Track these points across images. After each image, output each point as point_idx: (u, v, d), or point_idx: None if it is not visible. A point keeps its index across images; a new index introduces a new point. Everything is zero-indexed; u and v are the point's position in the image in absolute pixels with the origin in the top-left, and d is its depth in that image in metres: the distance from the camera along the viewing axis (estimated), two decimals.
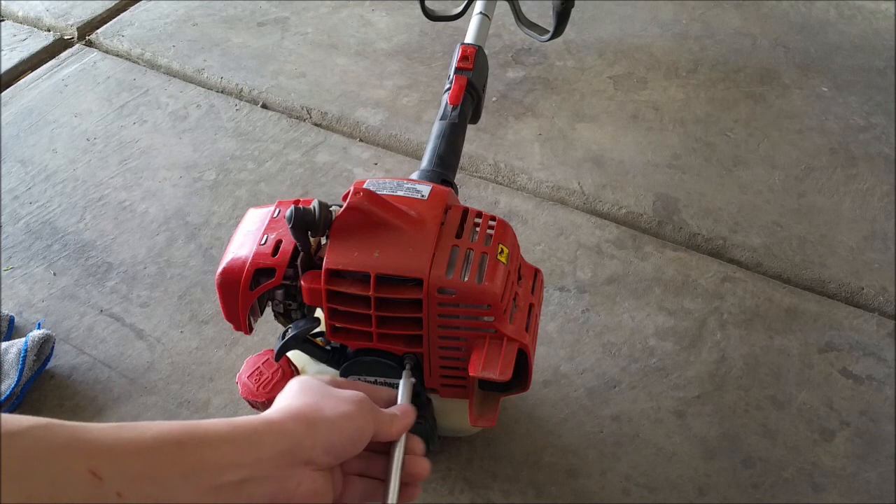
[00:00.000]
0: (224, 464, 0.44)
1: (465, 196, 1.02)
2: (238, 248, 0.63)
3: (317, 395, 0.51)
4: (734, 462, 0.77)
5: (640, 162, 1.08)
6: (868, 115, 1.15)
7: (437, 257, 0.59)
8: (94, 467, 0.39)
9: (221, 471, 0.44)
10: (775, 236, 0.98)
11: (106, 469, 0.39)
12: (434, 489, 0.75)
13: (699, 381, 0.83)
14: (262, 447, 0.46)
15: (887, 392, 0.82)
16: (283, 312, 0.66)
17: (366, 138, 1.13)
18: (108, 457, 0.40)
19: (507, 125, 1.13)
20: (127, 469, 0.40)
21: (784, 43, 1.28)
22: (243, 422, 0.46)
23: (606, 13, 1.34)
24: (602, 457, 0.77)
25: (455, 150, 0.81)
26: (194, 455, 0.43)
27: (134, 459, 0.41)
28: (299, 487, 0.48)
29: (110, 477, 0.39)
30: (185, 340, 0.88)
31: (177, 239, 0.99)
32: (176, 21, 1.34)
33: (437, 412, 0.70)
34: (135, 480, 0.40)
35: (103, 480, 0.39)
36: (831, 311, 0.90)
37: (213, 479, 0.43)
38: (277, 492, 0.47)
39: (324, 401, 0.51)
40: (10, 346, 0.82)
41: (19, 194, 1.05)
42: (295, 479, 0.47)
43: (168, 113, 1.17)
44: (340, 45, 1.28)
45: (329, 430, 0.49)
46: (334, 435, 0.49)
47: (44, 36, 1.31)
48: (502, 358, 0.59)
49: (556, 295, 0.91)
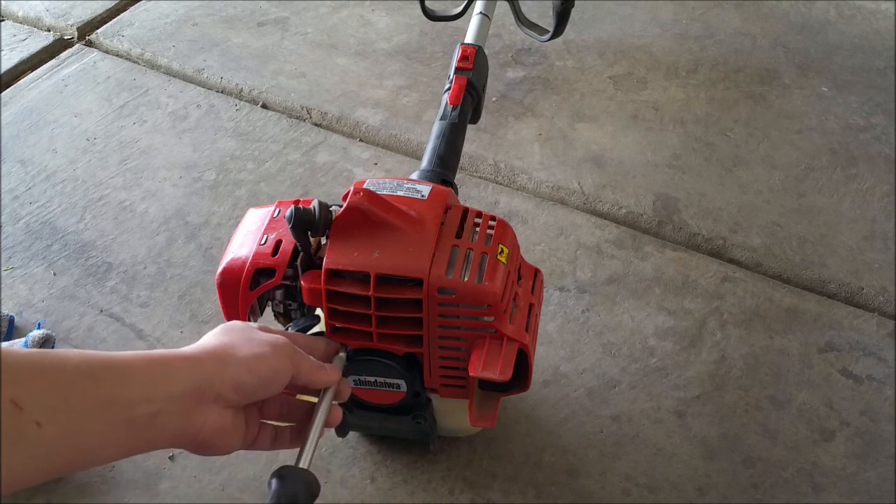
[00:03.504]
0: (137, 398, 0.46)
1: (465, 196, 1.02)
2: (238, 248, 0.63)
3: (235, 335, 0.53)
4: (734, 462, 0.77)
5: (640, 162, 1.08)
6: (868, 115, 1.15)
7: (437, 257, 0.59)
8: (16, 396, 0.40)
9: (134, 404, 0.45)
10: (775, 236, 0.98)
11: (27, 399, 0.41)
12: (434, 489, 0.75)
13: (699, 381, 0.83)
14: (173, 382, 0.47)
15: (887, 392, 0.82)
16: (283, 312, 0.66)
17: (366, 138, 1.13)
18: (29, 386, 0.41)
19: (507, 125, 1.13)
20: (46, 399, 0.42)
21: (784, 43, 1.28)
22: (159, 356, 0.48)
23: (606, 13, 1.34)
24: (602, 457, 0.77)
25: (455, 150, 0.81)
26: (110, 388, 0.45)
27: (53, 390, 0.42)
28: (206, 423, 0.49)
29: (30, 406, 0.41)
30: (185, 340, 0.88)
31: (177, 239, 0.99)
32: (176, 21, 1.34)
33: (437, 412, 0.70)
34: (53, 411, 0.42)
35: (24, 410, 0.40)
36: (831, 311, 0.90)
37: (127, 412, 0.45)
38: (185, 425, 0.48)
39: (241, 341, 0.52)
40: (10, 346, 0.82)
41: (19, 194, 1.05)
42: (202, 415, 0.49)
43: (168, 113, 1.17)
44: (340, 45, 1.28)
45: (239, 367, 0.51)
46: (244, 373, 0.51)
47: (44, 36, 1.31)
48: (502, 358, 0.59)
49: (556, 295, 0.91)
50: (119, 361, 0.46)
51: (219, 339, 0.53)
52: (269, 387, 0.53)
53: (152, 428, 0.46)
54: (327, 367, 0.59)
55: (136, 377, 0.46)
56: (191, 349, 0.51)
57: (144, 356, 0.48)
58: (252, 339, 0.53)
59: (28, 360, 0.43)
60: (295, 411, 0.59)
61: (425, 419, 0.69)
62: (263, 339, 0.54)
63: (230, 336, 0.53)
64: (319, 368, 0.57)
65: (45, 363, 0.43)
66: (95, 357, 0.46)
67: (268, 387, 0.53)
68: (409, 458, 0.77)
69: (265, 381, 0.52)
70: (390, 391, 0.66)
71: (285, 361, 0.53)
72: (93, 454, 0.45)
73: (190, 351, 0.50)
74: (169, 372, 0.48)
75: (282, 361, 0.53)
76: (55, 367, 0.43)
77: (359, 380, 0.66)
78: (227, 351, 0.51)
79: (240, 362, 0.51)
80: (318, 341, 0.62)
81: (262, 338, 0.54)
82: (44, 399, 0.42)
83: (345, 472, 0.76)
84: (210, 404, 0.50)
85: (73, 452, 0.43)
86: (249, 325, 0.56)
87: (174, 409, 0.47)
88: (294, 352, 0.55)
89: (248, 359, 0.51)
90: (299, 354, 0.55)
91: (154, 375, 0.47)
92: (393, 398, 0.67)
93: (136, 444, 0.47)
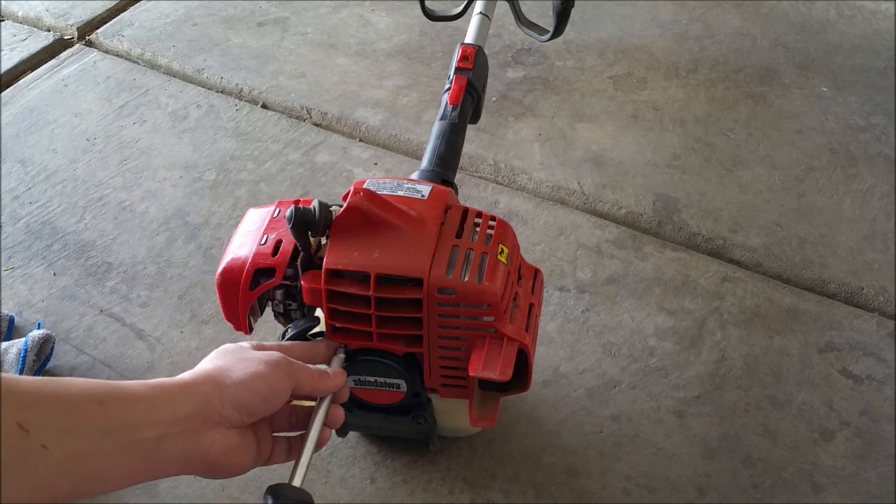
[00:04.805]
0: (141, 422, 0.46)
1: (465, 196, 1.02)
2: (238, 248, 0.63)
3: (229, 358, 0.54)
4: (734, 462, 0.77)
5: (640, 162, 1.08)
6: (868, 115, 1.15)
7: (437, 257, 0.59)
8: (22, 419, 0.41)
9: (139, 428, 0.46)
10: (775, 236, 0.98)
11: (33, 422, 0.41)
12: (434, 489, 0.75)
13: (699, 381, 0.83)
14: (175, 407, 0.49)
15: (887, 392, 0.82)
16: (283, 312, 0.66)
17: (366, 138, 1.13)
18: (36, 410, 0.42)
19: (507, 125, 1.13)
20: (52, 422, 0.42)
21: (784, 43, 1.28)
22: (160, 384, 0.50)
23: (606, 13, 1.34)
24: (602, 457, 0.77)
25: (455, 150, 0.81)
26: (115, 412, 0.46)
27: (59, 414, 0.43)
28: (213, 445, 0.50)
29: (37, 429, 0.41)
30: (185, 340, 0.88)
31: (177, 239, 0.99)
32: (176, 21, 1.34)
33: (437, 412, 0.70)
34: (59, 434, 0.42)
35: (29, 433, 0.41)
36: (831, 311, 0.90)
37: (132, 436, 0.46)
38: (192, 448, 0.49)
39: (235, 363, 0.53)
40: (10, 346, 0.82)
41: (19, 194, 1.05)
42: (209, 437, 0.50)
43: (168, 113, 1.17)
44: (340, 45, 1.28)
45: (236, 388, 0.52)
46: (242, 392, 0.52)
47: (44, 36, 1.31)
48: (502, 358, 0.59)
49: (556, 295, 0.91)
50: (122, 388, 0.47)
51: (213, 363, 0.54)
52: (270, 403, 0.53)
53: (159, 451, 0.47)
54: (329, 371, 0.59)
55: (139, 402, 0.47)
56: (187, 376, 0.52)
57: (145, 384, 0.49)
58: (245, 360, 0.54)
59: (33, 384, 0.43)
60: (303, 418, 0.59)
61: (425, 419, 0.69)
62: (257, 357, 0.54)
63: (224, 359, 0.54)
64: (321, 376, 0.57)
65: (50, 388, 0.44)
66: (98, 384, 0.47)
67: (268, 403, 0.53)
68: (409, 458, 0.77)
69: (264, 398, 0.53)
70: (390, 391, 0.66)
71: (282, 376, 0.54)
72: (100, 478, 0.45)
73: (187, 377, 0.51)
74: (170, 397, 0.49)
75: (279, 377, 0.54)
76: (61, 391, 0.44)
77: (359, 380, 0.66)
78: (223, 373, 0.52)
79: (236, 383, 0.52)
80: (318, 345, 0.62)
81: (257, 356, 0.54)
82: (50, 422, 0.42)
83: (345, 472, 0.76)
84: (214, 426, 0.50)
85: (79, 476, 0.43)
86: (242, 345, 0.56)
87: (178, 432, 0.48)
88: (290, 365, 0.55)
89: (244, 378, 0.52)
90: (296, 366, 0.55)
91: (156, 400, 0.48)
92: (393, 398, 0.67)
93: (144, 469, 0.47)
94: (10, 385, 0.42)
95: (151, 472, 0.48)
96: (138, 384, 0.48)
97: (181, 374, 0.52)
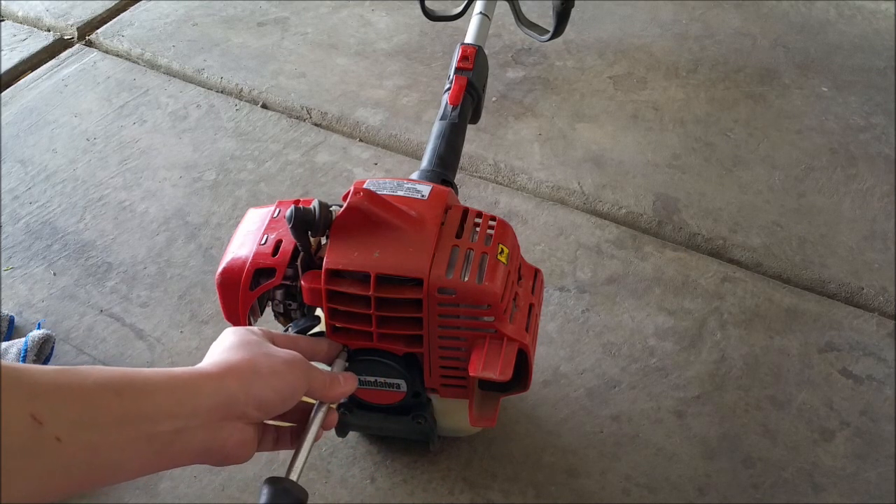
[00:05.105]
0: (160, 413, 0.46)
1: (465, 196, 1.02)
2: (238, 248, 0.63)
3: (254, 352, 0.53)
4: (734, 462, 0.77)
5: (640, 162, 1.08)
6: (868, 115, 1.15)
7: (437, 257, 0.59)
8: (35, 411, 0.40)
9: (157, 420, 0.45)
10: (775, 236, 0.98)
11: (46, 413, 0.40)
12: (434, 489, 0.75)
13: (699, 381, 0.83)
14: (198, 399, 0.48)
15: (887, 392, 0.82)
16: (283, 312, 0.66)
17: (366, 138, 1.13)
18: (49, 401, 0.41)
19: (507, 125, 1.13)
20: (66, 414, 0.42)
21: (784, 43, 1.28)
22: (181, 373, 0.48)
23: (606, 13, 1.34)
24: (602, 457, 0.77)
25: (455, 150, 0.81)
26: (132, 404, 0.45)
27: (74, 405, 0.42)
28: (230, 438, 0.50)
29: (50, 421, 0.40)
30: (185, 340, 0.88)
31: (177, 239, 0.99)
32: (176, 21, 1.34)
33: (437, 412, 0.70)
34: (74, 425, 0.42)
35: (43, 424, 0.40)
36: (831, 311, 0.90)
37: (149, 428, 0.45)
38: (210, 442, 0.49)
39: (260, 358, 0.52)
40: (10, 346, 0.82)
41: (19, 194, 1.05)
42: (227, 431, 0.50)
43: (168, 113, 1.17)
44: (340, 45, 1.28)
45: (263, 388, 0.51)
46: (267, 392, 0.51)
47: (44, 36, 1.31)
48: (502, 358, 0.59)
49: (556, 295, 0.91)
50: (141, 377, 0.46)
51: (238, 354, 0.52)
52: (287, 403, 0.54)
53: (176, 444, 0.46)
54: (341, 377, 0.59)
55: (158, 393, 0.46)
56: (212, 367, 0.51)
57: (166, 373, 0.48)
58: (270, 356, 0.53)
59: (48, 374, 0.42)
60: (294, 412, 0.59)
61: (425, 419, 0.69)
62: (280, 356, 0.54)
63: (249, 352, 0.53)
64: (333, 382, 0.57)
65: (65, 378, 0.43)
66: (116, 373, 0.45)
67: (286, 403, 0.53)
68: (409, 458, 0.77)
69: (285, 398, 0.53)
70: (390, 391, 0.66)
71: (302, 378, 0.54)
72: (114, 470, 0.44)
73: (212, 368, 0.50)
74: (193, 389, 0.48)
75: (298, 378, 0.54)
76: (76, 382, 0.43)
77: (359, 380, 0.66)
78: (248, 369, 0.51)
79: (261, 382, 0.51)
80: (321, 343, 0.62)
81: (280, 355, 0.54)
82: (64, 414, 0.42)
83: (345, 472, 0.76)
84: (234, 421, 0.50)
85: (93, 468, 0.43)
86: (254, 332, 0.56)
87: (198, 426, 0.47)
88: (308, 368, 0.55)
89: (268, 378, 0.52)
90: (313, 371, 0.56)
91: (177, 392, 0.47)
92: (393, 398, 0.67)
93: (159, 461, 0.46)
94: (24, 376, 0.41)
95: (166, 462, 0.47)
96: (157, 373, 0.47)
97: (201, 364, 0.51)
